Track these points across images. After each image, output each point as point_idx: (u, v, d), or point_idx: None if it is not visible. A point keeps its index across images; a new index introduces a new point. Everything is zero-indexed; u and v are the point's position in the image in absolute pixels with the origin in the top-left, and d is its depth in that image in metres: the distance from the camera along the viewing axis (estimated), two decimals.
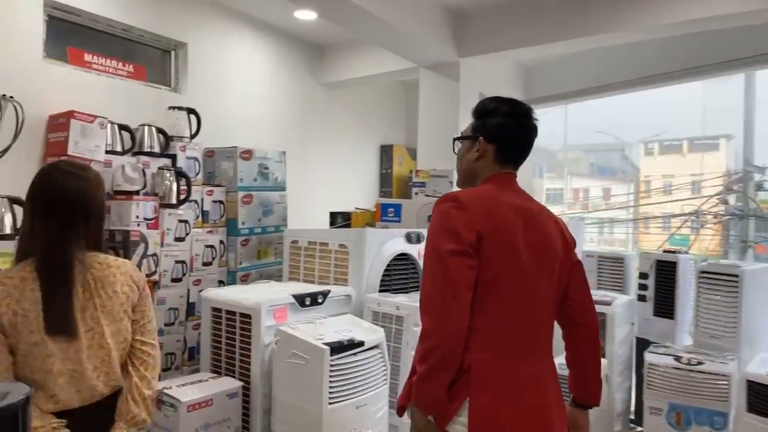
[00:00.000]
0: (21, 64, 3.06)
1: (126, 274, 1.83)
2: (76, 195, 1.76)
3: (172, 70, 4.06)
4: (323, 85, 5.30)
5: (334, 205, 4.91)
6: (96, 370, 1.73)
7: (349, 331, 2.80)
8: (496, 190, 1.72)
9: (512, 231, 1.64)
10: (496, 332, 1.61)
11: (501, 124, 1.76)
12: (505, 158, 1.78)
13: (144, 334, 1.87)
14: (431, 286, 1.58)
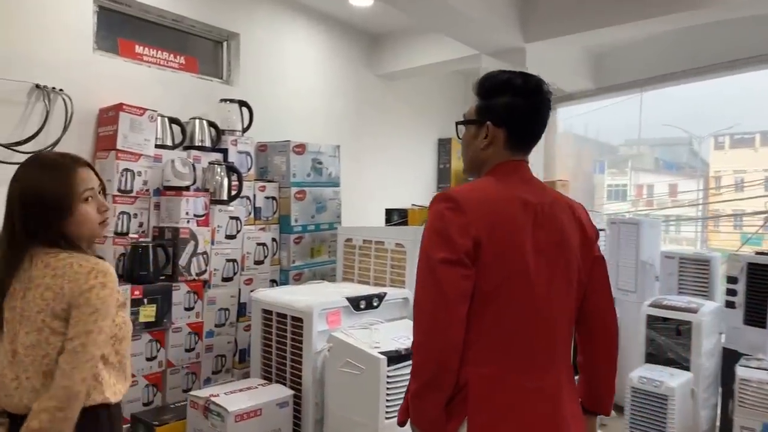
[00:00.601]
0: (71, 57, 2.99)
1: (58, 278, 1.49)
2: (11, 191, 1.58)
3: (224, 61, 3.93)
4: (379, 76, 5.08)
5: (389, 202, 4.69)
6: (14, 380, 1.52)
7: (406, 338, 2.58)
8: (501, 184, 1.50)
9: (518, 233, 1.45)
10: (497, 345, 1.44)
11: (510, 105, 1.52)
12: (518, 144, 1.55)
13: (64, 360, 1.47)
14: (422, 297, 1.42)
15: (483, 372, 1.42)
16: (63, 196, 1.54)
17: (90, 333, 1.48)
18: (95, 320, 1.49)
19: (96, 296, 1.49)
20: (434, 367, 1.38)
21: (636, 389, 3.13)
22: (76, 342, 1.47)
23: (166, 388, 3.01)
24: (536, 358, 1.47)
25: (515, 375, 1.44)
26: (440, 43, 4.64)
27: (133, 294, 2.80)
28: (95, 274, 1.51)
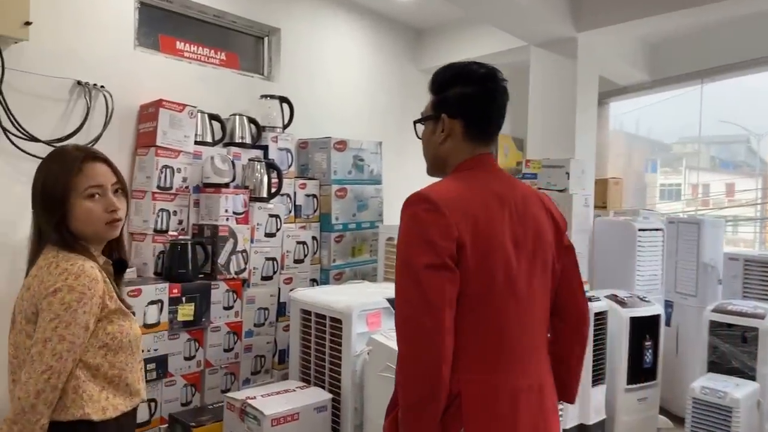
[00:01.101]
0: (112, 54, 2.97)
1: (35, 279, 1.41)
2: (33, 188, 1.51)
3: (265, 57, 3.88)
4: (422, 70, 4.94)
5: None
6: (11, 383, 1.45)
7: None
8: (472, 181, 1.44)
9: (498, 232, 1.38)
10: (485, 349, 1.38)
11: (463, 94, 1.45)
12: (477, 134, 1.48)
13: (24, 369, 1.36)
14: (406, 308, 1.32)
15: (474, 378, 1.36)
16: (56, 190, 1.45)
17: (47, 341, 1.34)
18: (55, 327, 1.35)
19: (59, 301, 1.36)
20: (427, 379, 1.29)
21: (698, 400, 2.91)
22: (34, 350, 1.35)
23: (204, 389, 2.96)
24: (523, 356, 1.44)
25: (505, 376, 1.40)
26: (487, 36, 4.48)
27: (171, 293, 2.76)
28: (65, 277, 1.38)
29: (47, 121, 2.71)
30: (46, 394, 1.33)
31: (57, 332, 1.35)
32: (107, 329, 1.45)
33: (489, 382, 1.37)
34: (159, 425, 2.74)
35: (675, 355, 3.87)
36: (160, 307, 2.71)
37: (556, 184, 3.67)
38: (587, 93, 4.09)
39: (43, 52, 2.67)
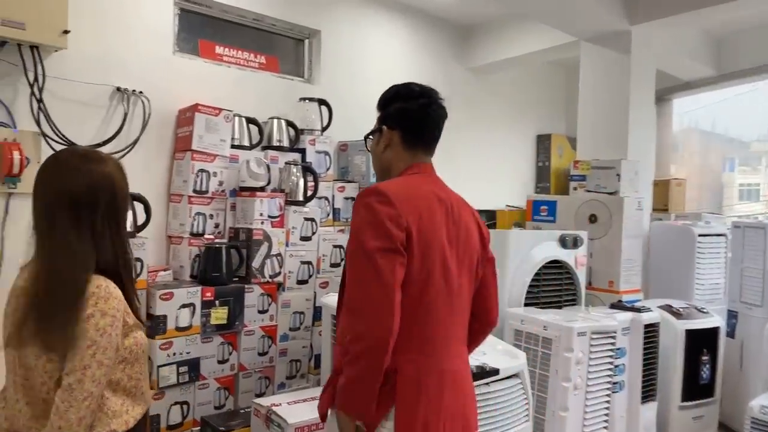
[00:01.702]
0: (151, 60, 3.02)
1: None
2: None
3: (305, 59, 3.86)
4: (469, 69, 4.82)
5: (481, 203, 4.41)
6: (17, 402, 1.40)
7: (482, 354, 2.33)
8: (417, 182, 1.62)
9: (438, 227, 1.56)
10: (420, 332, 1.53)
11: (400, 108, 1.68)
12: (412, 143, 1.67)
13: (59, 396, 1.34)
14: (360, 288, 1.46)
15: (410, 358, 1.50)
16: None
17: (87, 368, 1.31)
18: (93, 354, 1.32)
19: (94, 327, 1.32)
20: (376, 353, 1.41)
21: (757, 420, 2.67)
22: (72, 378, 1.30)
23: (238, 392, 2.96)
24: (449, 343, 1.59)
25: (434, 359, 1.54)
26: (535, 32, 4.31)
27: (204, 296, 2.77)
28: (95, 301, 1.33)
29: (87, 127, 2.78)
30: (86, 420, 1.33)
31: (95, 359, 1.33)
32: (125, 344, 1.43)
33: (422, 363, 1.52)
34: (191, 428, 2.75)
35: (739, 369, 3.58)
36: (192, 310, 2.73)
37: (606, 187, 3.48)
38: (642, 89, 3.85)
39: (83, 59, 2.74)
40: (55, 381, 1.34)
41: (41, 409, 1.35)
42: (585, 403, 2.61)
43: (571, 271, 3.11)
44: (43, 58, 2.59)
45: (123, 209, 1.48)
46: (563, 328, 2.53)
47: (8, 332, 1.39)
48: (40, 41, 2.50)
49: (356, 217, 1.52)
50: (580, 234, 3.16)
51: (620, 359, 2.78)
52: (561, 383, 2.53)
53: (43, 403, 1.35)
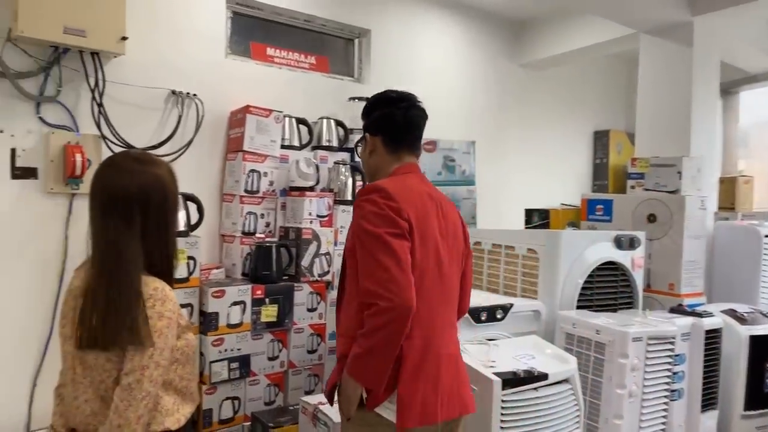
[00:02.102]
0: (205, 63, 3.10)
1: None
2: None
3: (355, 59, 3.88)
4: (522, 65, 4.71)
5: (534, 201, 4.33)
6: (75, 399, 1.45)
7: (531, 357, 2.28)
8: (409, 181, 1.74)
9: (431, 220, 1.69)
10: (421, 318, 1.61)
11: (381, 115, 1.80)
12: (394, 146, 1.78)
13: (118, 395, 1.39)
14: (378, 267, 1.53)
15: (413, 343, 1.60)
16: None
17: (146, 368, 1.36)
18: (151, 355, 1.36)
19: (152, 328, 1.37)
20: (398, 325, 1.51)
21: None
22: (131, 378, 1.35)
23: (287, 389, 3.01)
24: (444, 328, 1.72)
25: (432, 342, 1.65)
26: (591, 25, 4.17)
27: (255, 294, 2.83)
28: (152, 303, 1.38)
29: (143, 130, 2.87)
30: (144, 419, 1.37)
31: (153, 359, 1.37)
32: (177, 345, 1.47)
33: (421, 347, 1.62)
34: (242, 422, 2.81)
35: None
36: (243, 308, 2.78)
37: (666, 185, 3.33)
38: (706, 83, 3.66)
39: (140, 64, 2.84)
40: (113, 380, 1.38)
41: (99, 407, 1.40)
42: (641, 411, 2.51)
43: (627, 273, 2.99)
44: (103, 64, 2.70)
45: (173, 212, 1.52)
46: (617, 333, 2.44)
47: (67, 331, 1.44)
48: (100, 48, 2.60)
49: (360, 212, 1.62)
50: (637, 234, 3.03)
51: (679, 366, 2.65)
52: (615, 390, 2.44)
53: (101, 401, 1.40)
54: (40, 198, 2.59)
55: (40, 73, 2.58)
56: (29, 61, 2.55)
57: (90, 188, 1.46)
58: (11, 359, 2.53)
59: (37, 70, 2.57)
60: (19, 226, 2.54)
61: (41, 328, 2.58)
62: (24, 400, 2.56)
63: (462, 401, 1.73)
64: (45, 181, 2.59)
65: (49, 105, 2.61)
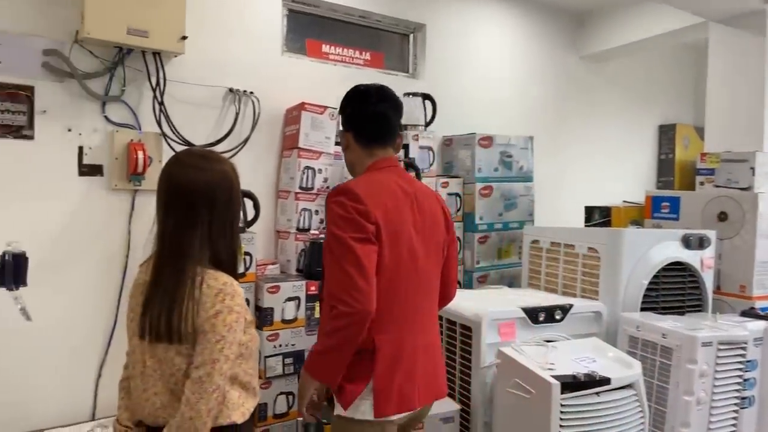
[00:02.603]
0: (261, 61, 3.13)
1: (186, 297, 1.42)
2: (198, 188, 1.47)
3: (410, 54, 3.84)
4: (583, 58, 4.56)
5: (595, 198, 4.18)
6: (144, 392, 1.47)
7: (591, 360, 2.20)
8: (382, 177, 1.77)
9: (403, 217, 1.73)
10: (394, 312, 1.69)
11: (351, 112, 1.86)
12: (366, 140, 1.82)
13: (189, 388, 1.40)
14: (340, 272, 1.60)
15: (387, 337, 1.68)
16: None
17: (216, 362, 1.39)
18: (221, 348, 1.40)
19: (222, 322, 1.40)
20: (355, 329, 1.58)
21: None
22: (202, 371, 1.38)
23: None
24: (422, 319, 1.79)
25: (408, 335, 1.73)
26: (656, 14, 3.99)
27: (309, 290, 2.83)
28: (222, 298, 1.41)
29: (201, 128, 2.92)
30: (214, 411, 1.40)
31: (223, 353, 1.40)
32: (242, 340, 1.48)
33: (397, 340, 1.70)
34: (297, 418, 2.83)
35: None
36: (297, 303, 2.80)
37: (738, 182, 3.15)
38: None
39: (198, 63, 2.89)
40: (183, 373, 1.41)
41: (168, 399, 1.43)
42: (709, 419, 2.39)
43: (696, 274, 2.85)
44: (164, 64, 2.76)
45: (237, 208, 1.55)
46: (685, 338, 2.32)
47: (135, 325, 1.48)
48: (161, 48, 2.66)
49: (330, 214, 1.69)
50: (706, 233, 2.88)
51: (751, 372, 2.51)
52: (682, 397, 2.32)
53: (170, 394, 1.43)
54: (105, 194, 2.68)
55: (106, 73, 2.66)
56: (95, 62, 2.64)
57: (157, 185, 1.50)
58: (78, 350, 2.63)
59: (103, 71, 2.65)
60: (86, 221, 2.64)
61: (105, 321, 2.67)
62: (90, 390, 2.65)
63: (437, 387, 1.84)
64: (110, 178, 2.68)
65: (114, 104, 2.69)
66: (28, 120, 2.52)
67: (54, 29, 2.54)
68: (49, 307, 2.48)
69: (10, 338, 2.43)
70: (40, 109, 2.53)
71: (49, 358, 2.56)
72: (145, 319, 1.42)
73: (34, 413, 2.53)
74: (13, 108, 2.48)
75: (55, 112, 2.57)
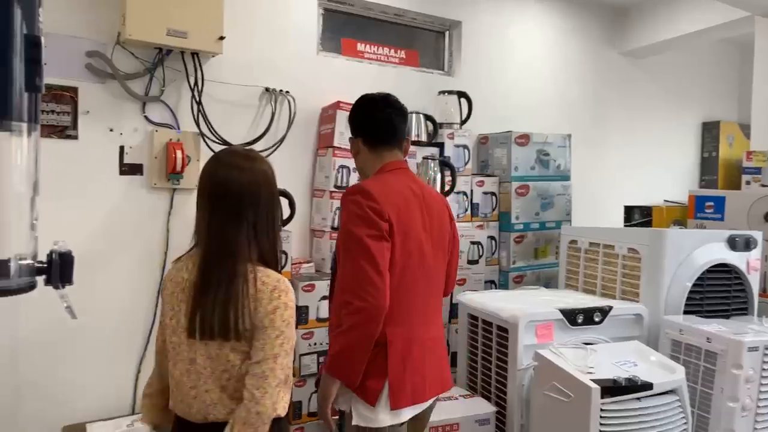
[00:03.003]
0: (298, 60, 3.14)
1: (240, 294, 1.43)
2: (238, 188, 1.48)
3: (446, 52, 3.80)
4: (624, 53, 4.45)
5: (635, 198, 4.09)
6: (192, 389, 1.47)
7: (632, 365, 2.15)
8: (393, 179, 1.85)
9: (413, 216, 1.81)
10: (404, 309, 1.77)
11: (359, 120, 1.98)
12: (374, 143, 1.93)
13: (252, 384, 1.42)
14: (354, 269, 1.66)
15: (398, 331, 1.75)
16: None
17: (277, 357, 1.42)
18: (281, 343, 1.42)
19: (281, 318, 1.42)
20: (370, 325, 1.65)
21: None
22: (265, 366, 1.40)
23: None
24: (429, 315, 1.88)
25: (417, 330, 1.81)
26: (702, 7, 3.87)
27: None
28: (278, 294, 1.43)
29: (238, 127, 2.95)
30: (277, 404, 1.43)
31: (283, 348, 1.43)
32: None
33: (407, 335, 1.77)
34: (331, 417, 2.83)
35: None
36: None
37: None
38: None
39: (235, 62, 2.91)
40: (237, 369, 1.43)
41: (218, 396, 1.45)
42: (754, 426, 2.30)
43: (742, 276, 2.76)
44: (202, 64, 2.79)
45: (277, 206, 1.57)
46: (731, 342, 2.24)
47: (175, 323, 1.49)
48: (200, 48, 2.69)
49: (345, 212, 1.77)
50: (753, 234, 2.78)
51: None
52: (727, 403, 2.24)
53: (221, 390, 1.45)
54: (144, 193, 2.73)
55: (146, 74, 2.71)
56: (136, 63, 2.69)
57: (199, 184, 1.52)
58: (118, 346, 2.69)
59: (143, 72, 2.70)
60: (127, 219, 2.69)
61: (145, 316, 2.72)
62: (130, 385, 2.71)
63: (443, 381, 1.92)
64: (149, 177, 2.73)
65: (154, 104, 2.74)
66: (72, 120, 2.58)
67: (97, 31, 2.60)
68: (91, 304, 2.54)
69: (56, 335, 2.50)
70: (83, 110, 2.59)
71: (91, 354, 2.62)
72: (196, 318, 1.43)
73: (78, 406, 2.59)
74: (58, 109, 2.55)
75: (98, 113, 2.62)
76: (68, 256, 0.93)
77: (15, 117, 0.83)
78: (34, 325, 2.47)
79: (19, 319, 2.47)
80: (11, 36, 0.79)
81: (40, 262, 0.91)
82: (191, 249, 1.54)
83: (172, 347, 1.51)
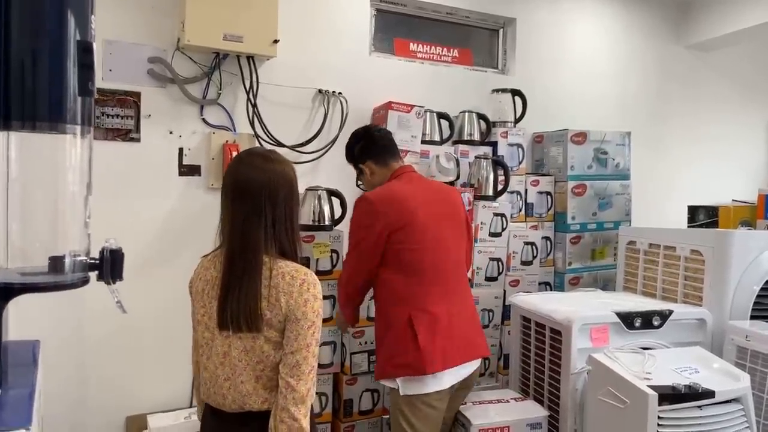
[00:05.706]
0: (350, 61, 3.17)
1: (272, 288, 1.49)
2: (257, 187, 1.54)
3: (499, 50, 3.75)
4: (689, 47, 4.26)
5: (699, 197, 3.92)
6: (227, 381, 1.53)
7: (694, 371, 2.06)
8: (399, 185, 2.23)
9: (420, 211, 2.14)
10: (428, 290, 2.13)
11: (363, 147, 2.37)
12: (383, 158, 2.33)
13: (288, 373, 1.48)
14: (348, 260, 2.29)
15: (420, 311, 2.09)
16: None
17: (309, 346, 1.50)
18: (313, 333, 1.50)
19: (311, 309, 1.50)
20: (348, 298, 2.34)
21: None
22: (299, 356, 1.48)
23: None
24: (456, 291, 2.23)
25: (443, 306, 2.13)
26: None
27: None
28: (307, 287, 1.51)
29: (292, 128, 3.01)
30: (311, 392, 1.51)
31: (315, 337, 1.52)
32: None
33: (432, 311, 2.10)
34: (381, 415, 2.85)
35: None
36: None
37: None
38: None
39: (289, 65, 2.97)
40: (272, 359, 1.50)
41: (253, 386, 1.51)
42: None
43: None
44: (257, 67, 2.86)
45: (297, 203, 1.64)
46: None
47: (207, 319, 1.57)
48: (255, 52, 2.76)
49: (353, 217, 2.22)
50: None
51: None
52: None
53: (255, 380, 1.51)
54: (201, 193, 2.82)
55: (204, 78, 2.80)
56: (194, 68, 2.78)
57: (222, 184, 1.60)
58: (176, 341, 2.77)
59: (201, 76, 2.79)
60: (185, 219, 2.78)
61: None
62: (188, 378, 2.79)
63: (477, 346, 2.24)
64: (207, 178, 2.82)
65: (211, 107, 2.83)
66: (135, 124, 2.70)
67: (158, 38, 2.71)
68: (153, 301, 2.65)
69: (120, 331, 2.62)
70: (145, 114, 2.70)
71: (152, 349, 2.73)
72: (227, 313, 1.50)
73: (139, 399, 2.71)
74: (123, 113, 2.67)
75: (159, 116, 2.73)
76: (118, 253, 0.97)
77: (69, 120, 0.87)
78: (98, 321, 2.59)
79: (85, 315, 2.60)
80: (65, 43, 0.84)
81: (92, 259, 0.96)
82: (217, 248, 1.61)
83: (204, 342, 1.59)
